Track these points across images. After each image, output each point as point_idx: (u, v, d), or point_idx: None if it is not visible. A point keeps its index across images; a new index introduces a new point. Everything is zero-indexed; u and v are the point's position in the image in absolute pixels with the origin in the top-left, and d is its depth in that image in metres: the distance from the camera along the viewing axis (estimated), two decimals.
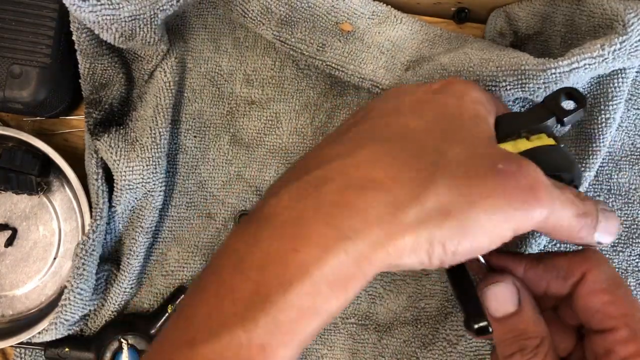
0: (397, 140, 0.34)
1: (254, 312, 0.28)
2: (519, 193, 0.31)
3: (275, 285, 0.28)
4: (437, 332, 0.50)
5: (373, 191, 0.31)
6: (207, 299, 0.30)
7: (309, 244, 0.29)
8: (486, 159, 0.33)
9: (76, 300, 0.49)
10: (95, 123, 0.50)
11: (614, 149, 0.50)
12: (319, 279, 0.28)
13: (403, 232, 0.30)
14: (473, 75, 0.43)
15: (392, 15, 0.52)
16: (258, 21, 0.50)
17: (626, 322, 0.33)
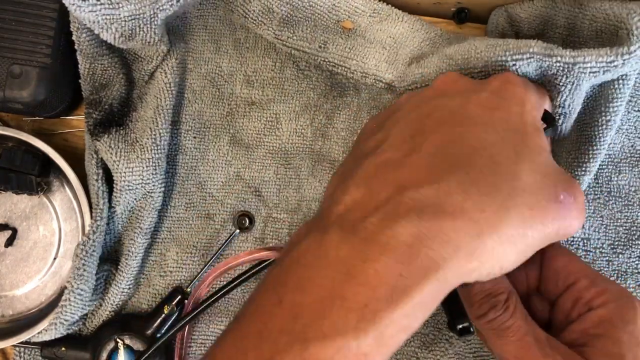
0: (478, 163, 0.35)
1: (365, 324, 0.30)
2: (570, 220, 0.36)
3: (384, 303, 0.30)
4: (439, 332, 0.50)
5: (462, 221, 0.33)
6: (315, 298, 0.31)
7: (411, 272, 0.31)
8: (551, 187, 0.35)
9: (76, 301, 0.49)
10: (95, 123, 0.50)
11: (613, 151, 0.50)
12: (417, 303, 0.31)
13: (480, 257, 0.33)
14: (481, 61, 0.42)
15: (393, 13, 0.52)
16: (259, 21, 0.50)
17: (584, 274, 0.38)
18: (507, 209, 0.34)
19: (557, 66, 0.41)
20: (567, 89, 0.42)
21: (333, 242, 0.33)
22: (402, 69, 0.49)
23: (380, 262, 0.32)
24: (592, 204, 0.50)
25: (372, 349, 0.30)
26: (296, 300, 0.31)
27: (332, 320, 0.30)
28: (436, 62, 0.46)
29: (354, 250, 0.32)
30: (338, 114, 0.54)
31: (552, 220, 0.35)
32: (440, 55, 0.46)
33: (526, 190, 0.35)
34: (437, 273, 0.32)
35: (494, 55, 0.42)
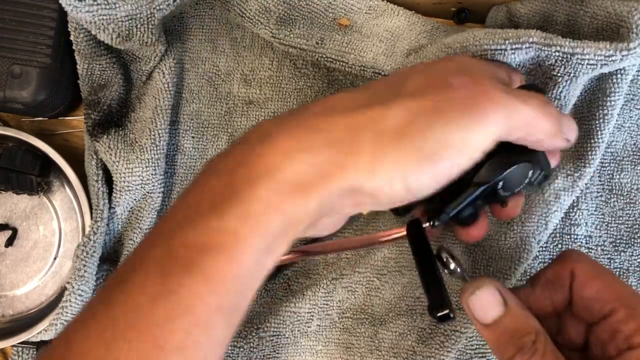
0: (366, 88, 0.37)
1: (225, 203, 0.31)
2: (472, 100, 0.33)
3: (244, 182, 0.31)
4: (435, 326, 0.50)
5: (336, 116, 0.33)
6: (188, 197, 0.33)
7: (272, 151, 0.32)
8: (443, 77, 0.34)
9: (77, 302, 0.49)
10: (94, 124, 0.50)
11: (616, 149, 0.50)
12: (281, 180, 0.31)
13: (358, 150, 0.32)
14: (480, 49, 0.42)
15: (389, 8, 0.52)
16: (256, 20, 0.50)
17: (623, 303, 0.34)
18: (385, 105, 0.34)
19: (555, 56, 0.41)
20: (564, 79, 0.42)
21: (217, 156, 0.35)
22: (401, 60, 0.49)
23: (237, 151, 0.33)
24: (594, 202, 0.50)
25: (239, 226, 0.30)
26: (175, 206, 0.33)
27: (198, 207, 0.31)
28: (434, 51, 0.46)
29: (225, 151, 0.34)
30: None
31: (446, 103, 0.33)
32: (439, 45, 0.46)
33: (411, 87, 0.35)
34: (303, 155, 0.32)
35: (492, 43, 0.41)
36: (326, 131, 0.33)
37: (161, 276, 0.29)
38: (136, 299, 0.29)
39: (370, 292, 0.52)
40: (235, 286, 0.30)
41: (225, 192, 0.31)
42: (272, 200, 0.31)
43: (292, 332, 0.52)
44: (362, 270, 0.52)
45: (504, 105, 0.33)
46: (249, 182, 0.31)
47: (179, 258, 0.30)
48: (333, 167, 0.32)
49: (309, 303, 0.52)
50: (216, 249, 0.30)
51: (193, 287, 0.29)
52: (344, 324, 0.52)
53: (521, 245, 0.47)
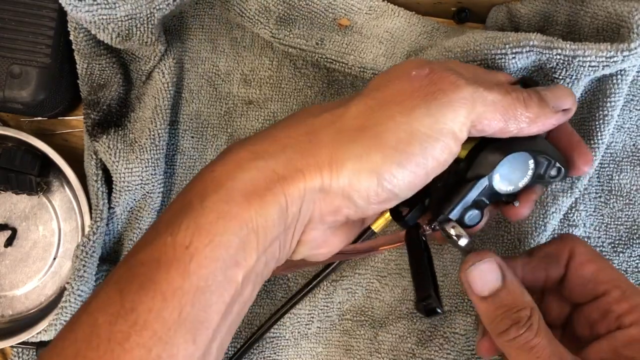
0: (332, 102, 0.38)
1: (178, 219, 0.31)
2: (434, 86, 0.33)
3: (196, 196, 0.32)
4: (435, 328, 0.50)
5: (295, 127, 0.34)
6: (152, 223, 0.35)
7: (225, 165, 0.33)
8: (402, 71, 0.35)
9: (76, 302, 0.49)
10: (94, 124, 0.50)
11: (615, 150, 0.50)
12: (231, 189, 0.31)
13: (317, 150, 0.33)
14: (480, 54, 0.42)
15: (389, 9, 0.52)
16: (256, 20, 0.50)
17: (615, 285, 0.36)
18: (344, 105, 0.34)
19: (556, 59, 0.40)
20: (566, 82, 0.42)
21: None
22: (400, 62, 0.49)
23: (197, 174, 0.34)
24: (593, 203, 0.50)
25: (190, 239, 0.30)
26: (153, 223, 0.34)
27: (156, 227, 0.32)
28: (435, 55, 0.46)
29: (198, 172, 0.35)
30: None
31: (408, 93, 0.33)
32: (439, 48, 0.46)
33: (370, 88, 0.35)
34: (256, 162, 0.32)
35: (493, 48, 0.41)
36: (285, 138, 0.34)
37: (120, 294, 0.30)
38: (97, 319, 0.29)
39: (371, 294, 0.52)
40: (195, 299, 0.30)
41: (181, 209, 0.32)
42: (223, 210, 0.31)
43: (292, 334, 0.52)
44: (362, 272, 0.52)
45: (467, 90, 0.33)
46: (200, 196, 0.32)
47: (136, 275, 0.30)
48: (291, 170, 0.32)
49: (309, 305, 0.52)
50: (169, 263, 0.30)
51: (149, 303, 0.29)
52: (344, 326, 0.52)
53: (519, 246, 0.47)
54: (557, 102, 0.36)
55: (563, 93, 0.37)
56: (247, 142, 0.35)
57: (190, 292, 0.29)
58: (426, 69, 0.34)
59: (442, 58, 0.45)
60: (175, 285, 0.29)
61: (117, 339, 0.28)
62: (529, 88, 0.37)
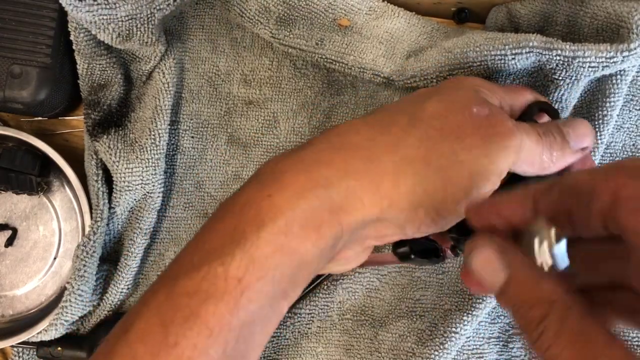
0: (376, 114, 0.36)
1: (230, 247, 0.30)
2: (493, 129, 0.33)
3: (251, 224, 0.30)
4: (435, 327, 0.50)
5: (350, 150, 0.33)
6: (197, 240, 0.32)
7: (283, 190, 0.31)
8: (462, 104, 0.35)
9: (77, 302, 0.49)
10: (94, 124, 0.50)
11: (615, 150, 0.50)
12: (290, 220, 0.30)
13: (378, 182, 0.32)
14: (480, 55, 0.42)
15: (389, 9, 0.52)
16: (256, 20, 0.50)
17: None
18: (404, 132, 0.33)
19: (556, 60, 0.41)
20: (566, 83, 0.42)
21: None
22: (400, 63, 0.49)
23: (246, 191, 0.32)
24: None
25: (244, 272, 0.29)
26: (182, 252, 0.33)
27: (202, 252, 0.30)
28: (435, 55, 0.46)
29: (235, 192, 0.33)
30: (336, 112, 0.54)
31: (469, 130, 0.33)
32: (439, 49, 0.46)
33: (428, 114, 0.34)
34: (317, 191, 0.31)
35: (493, 49, 0.41)
36: (342, 163, 0.32)
37: (162, 326, 0.29)
38: (137, 352, 0.28)
39: (371, 293, 0.52)
40: (240, 334, 0.29)
41: (232, 235, 0.30)
42: (280, 243, 0.30)
43: (293, 334, 0.52)
44: (362, 270, 0.52)
45: (519, 138, 0.34)
46: (256, 224, 0.30)
47: (181, 307, 0.29)
48: (351, 200, 0.31)
49: (309, 304, 0.52)
50: (219, 297, 0.29)
51: (194, 339, 0.28)
52: (344, 326, 0.52)
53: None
54: (578, 142, 0.37)
55: (584, 132, 0.37)
56: (298, 164, 0.33)
57: (237, 327, 0.29)
58: (486, 109, 0.35)
59: (443, 59, 0.45)
60: (224, 322, 0.28)
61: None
62: (552, 124, 0.37)
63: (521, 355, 0.50)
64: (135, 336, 0.29)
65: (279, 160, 0.34)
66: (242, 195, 0.32)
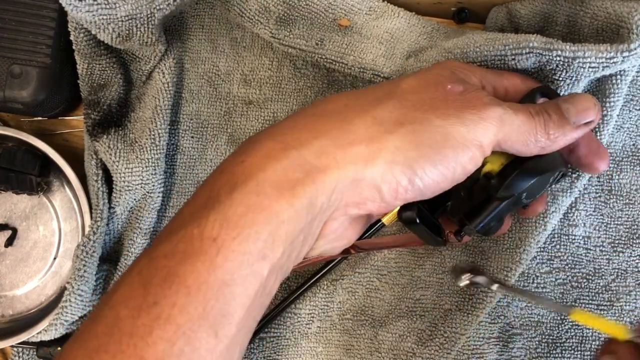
0: (356, 91, 0.37)
1: (205, 210, 0.31)
2: (468, 103, 0.34)
3: (224, 188, 0.31)
4: (435, 328, 0.50)
5: (324, 116, 0.34)
6: (176, 214, 0.33)
7: (254, 155, 0.32)
8: (436, 80, 0.36)
9: (77, 302, 0.49)
10: (94, 124, 0.50)
11: (615, 149, 0.50)
12: (262, 180, 0.31)
13: (351, 140, 0.32)
14: (480, 55, 0.42)
15: (389, 9, 0.52)
16: (256, 20, 0.50)
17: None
18: (379, 100, 0.34)
19: (556, 60, 0.41)
20: (566, 83, 0.42)
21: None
22: (400, 63, 0.49)
23: (224, 162, 0.34)
24: (593, 202, 0.50)
25: (218, 232, 0.30)
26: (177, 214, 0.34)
27: (180, 218, 0.32)
28: (434, 55, 0.46)
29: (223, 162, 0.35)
30: None
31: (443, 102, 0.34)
32: (439, 49, 0.46)
33: (404, 87, 0.36)
34: (288, 152, 0.32)
35: (493, 50, 0.41)
36: (318, 125, 0.33)
37: (143, 288, 0.29)
38: (119, 313, 0.29)
39: (370, 292, 0.52)
40: (219, 293, 0.29)
41: (207, 200, 0.31)
42: (253, 203, 0.30)
43: (293, 334, 0.52)
44: (362, 270, 0.52)
45: (497, 110, 0.34)
46: (229, 187, 0.31)
47: (159, 268, 0.30)
48: (324, 159, 0.32)
49: (309, 304, 0.52)
50: (195, 256, 0.29)
51: (173, 298, 0.29)
52: (344, 326, 0.52)
53: (520, 246, 0.47)
54: (579, 117, 0.37)
55: (585, 105, 0.38)
56: (274, 132, 0.34)
57: (215, 286, 0.29)
58: (461, 86, 0.35)
59: (442, 59, 0.45)
60: (201, 280, 0.29)
61: (139, 333, 0.28)
62: (550, 102, 0.38)
63: (521, 355, 0.50)
64: (117, 299, 0.30)
65: (257, 133, 0.35)
66: (220, 166, 0.34)
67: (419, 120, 0.33)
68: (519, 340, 0.50)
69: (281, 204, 0.31)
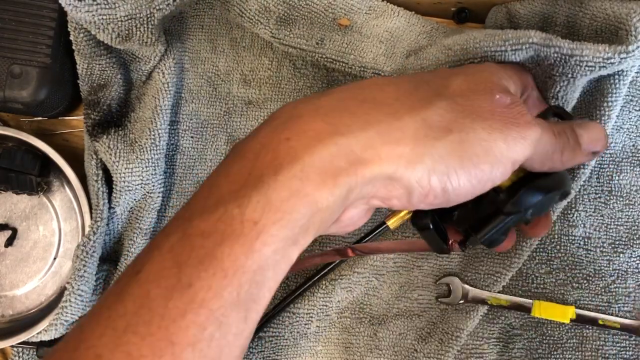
0: (400, 78, 0.37)
1: (247, 190, 0.29)
2: (513, 119, 0.34)
3: (268, 167, 0.30)
4: (434, 325, 0.50)
5: (373, 104, 0.33)
6: (211, 182, 0.32)
7: (301, 134, 0.31)
8: (486, 87, 0.35)
9: (77, 302, 0.49)
10: (94, 124, 0.50)
11: (615, 150, 0.50)
12: (308, 165, 0.30)
13: (398, 138, 0.32)
14: (480, 51, 0.42)
15: (389, 9, 0.52)
16: (256, 20, 0.50)
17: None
18: (430, 100, 0.34)
19: (554, 56, 0.41)
20: (563, 80, 0.42)
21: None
22: (401, 61, 0.49)
23: (263, 133, 0.32)
24: (593, 203, 0.50)
25: (260, 215, 0.29)
26: (196, 191, 0.33)
27: (217, 193, 0.30)
28: (434, 53, 0.46)
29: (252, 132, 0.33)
30: None
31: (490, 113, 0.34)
32: (439, 46, 0.46)
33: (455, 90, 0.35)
34: (336, 138, 0.31)
35: (492, 45, 0.41)
36: (364, 114, 0.32)
37: (176, 267, 0.28)
38: (150, 292, 0.28)
39: (369, 291, 0.52)
40: (254, 278, 0.29)
41: (248, 178, 0.30)
42: (296, 188, 0.29)
43: (292, 334, 0.52)
44: (361, 270, 0.52)
45: (537, 132, 0.35)
46: (273, 168, 0.30)
47: (195, 248, 0.29)
48: (370, 153, 0.31)
49: (307, 304, 0.52)
50: (234, 238, 0.28)
51: (209, 281, 0.28)
52: (343, 324, 0.52)
53: (515, 246, 0.48)
54: (590, 145, 0.38)
55: (598, 136, 0.39)
56: (321, 110, 0.32)
57: (251, 270, 0.28)
58: (508, 98, 0.35)
59: (443, 57, 0.45)
60: (238, 263, 0.28)
61: (171, 316, 0.27)
62: (566, 125, 0.38)
63: (521, 355, 0.50)
64: (147, 277, 0.29)
65: (295, 106, 0.33)
66: (257, 139, 0.32)
67: (466, 129, 0.33)
68: (519, 340, 0.50)
69: (322, 192, 0.30)
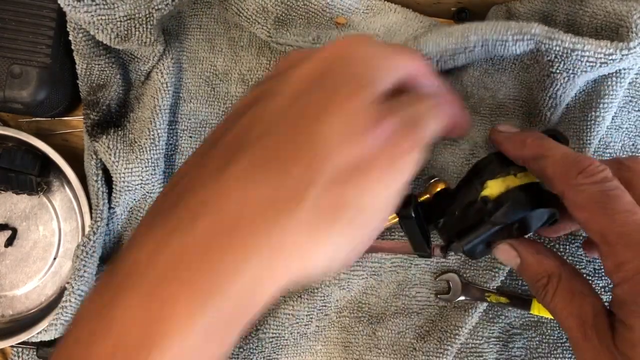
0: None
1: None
2: (394, 157, 0.30)
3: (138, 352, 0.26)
4: (432, 324, 0.50)
5: (242, 231, 0.28)
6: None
7: (171, 315, 0.26)
8: (366, 131, 0.30)
9: (77, 302, 0.49)
10: (93, 124, 0.50)
11: (614, 150, 0.49)
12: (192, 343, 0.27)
13: (287, 255, 0.29)
14: (481, 39, 0.42)
15: (386, 6, 0.52)
16: (254, 20, 0.50)
17: (604, 239, 0.33)
18: (307, 182, 0.28)
19: (555, 51, 0.41)
20: (562, 76, 0.42)
21: (93, 295, 0.30)
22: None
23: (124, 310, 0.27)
24: None
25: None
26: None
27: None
28: (434, 38, 0.44)
29: (106, 297, 0.28)
30: None
31: (366, 164, 0.29)
32: (440, 32, 0.45)
33: (329, 142, 0.29)
34: (212, 300, 0.27)
35: (494, 33, 0.41)
36: (239, 248, 0.28)
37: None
38: None
39: (367, 290, 0.52)
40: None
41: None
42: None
43: (292, 335, 0.52)
44: (360, 272, 0.52)
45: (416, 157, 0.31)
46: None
47: None
48: (260, 294, 0.29)
49: (307, 306, 0.52)
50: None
51: None
52: (342, 323, 0.52)
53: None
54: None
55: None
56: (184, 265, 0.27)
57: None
58: (389, 122, 0.31)
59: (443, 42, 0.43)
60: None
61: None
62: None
63: (521, 355, 0.50)
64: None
65: (159, 249, 0.27)
66: (120, 301, 0.27)
67: (349, 202, 0.29)
68: (519, 340, 0.50)
69: (220, 346, 0.29)
